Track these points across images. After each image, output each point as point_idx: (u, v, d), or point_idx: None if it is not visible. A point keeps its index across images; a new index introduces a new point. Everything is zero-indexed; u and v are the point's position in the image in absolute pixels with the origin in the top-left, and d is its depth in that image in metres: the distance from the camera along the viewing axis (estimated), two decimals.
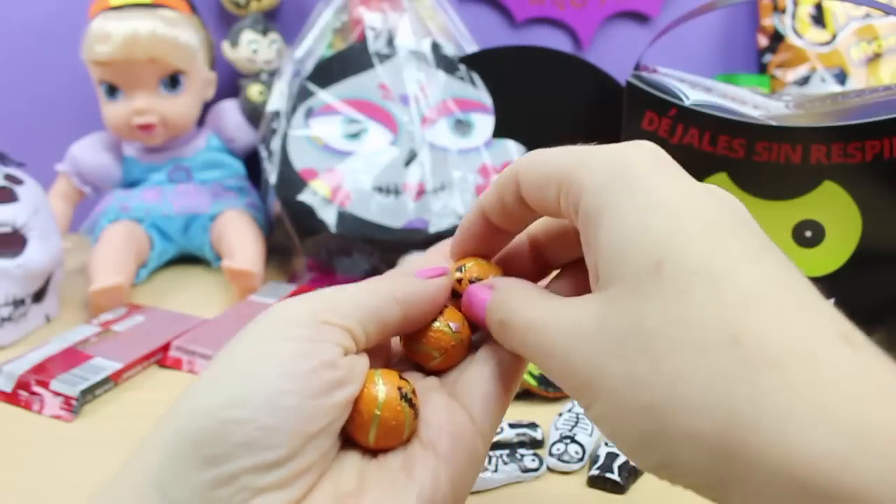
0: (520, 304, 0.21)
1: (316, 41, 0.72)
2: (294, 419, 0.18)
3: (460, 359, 0.24)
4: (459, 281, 0.25)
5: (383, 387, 0.21)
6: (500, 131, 0.52)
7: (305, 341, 0.19)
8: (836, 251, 0.42)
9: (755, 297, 0.16)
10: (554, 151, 0.22)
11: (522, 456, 0.37)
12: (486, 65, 0.51)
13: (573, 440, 0.38)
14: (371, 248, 0.62)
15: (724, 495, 0.16)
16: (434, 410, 0.22)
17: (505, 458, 0.37)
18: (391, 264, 0.62)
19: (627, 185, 0.18)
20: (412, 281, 0.23)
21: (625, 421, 0.17)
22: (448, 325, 0.24)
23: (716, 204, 0.18)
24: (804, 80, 0.83)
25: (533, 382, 0.44)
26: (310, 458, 0.19)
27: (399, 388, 0.21)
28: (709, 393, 0.15)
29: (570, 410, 0.41)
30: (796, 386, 0.15)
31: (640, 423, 0.17)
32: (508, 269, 0.25)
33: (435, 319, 0.24)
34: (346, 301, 0.21)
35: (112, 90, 0.68)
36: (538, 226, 0.25)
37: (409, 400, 0.21)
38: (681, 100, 0.42)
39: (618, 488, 0.35)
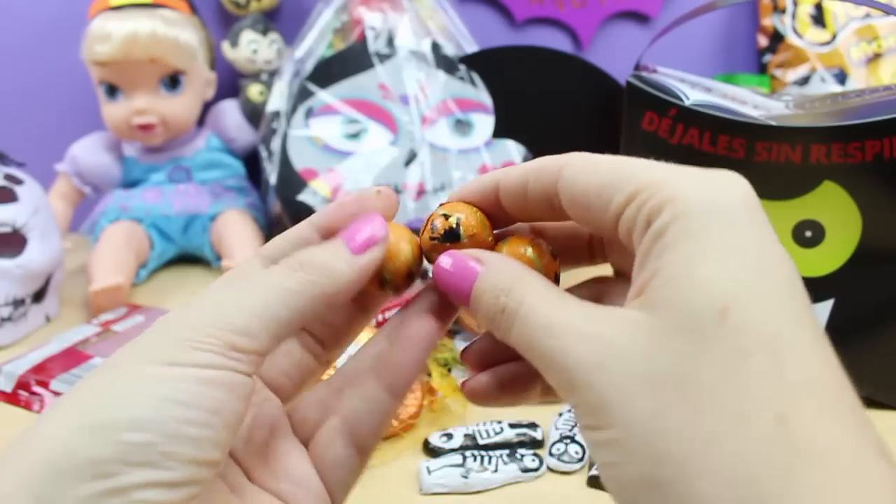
0: (537, 298, 0.19)
1: (316, 41, 0.72)
2: (196, 448, 0.17)
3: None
4: (446, 232, 0.21)
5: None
6: (500, 131, 0.52)
7: (215, 369, 0.18)
8: (836, 251, 0.42)
9: (814, 383, 0.16)
10: (620, 159, 0.20)
11: (522, 456, 0.37)
12: (486, 65, 0.51)
13: (573, 440, 0.38)
14: None
15: None
16: (296, 466, 0.22)
17: (505, 458, 0.37)
18: None
19: (721, 220, 0.17)
20: (327, 267, 0.20)
21: (633, 458, 0.16)
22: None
23: (791, 269, 0.17)
24: (804, 80, 0.83)
25: None
26: (205, 477, 0.18)
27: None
28: (740, 464, 0.15)
29: (570, 410, 0.41)
30: (830, 486, 0.14)
31: (650, 467, 0.16)
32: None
33: None
34: (254, 313, 0.19)
35: (112, 90, 0.68)
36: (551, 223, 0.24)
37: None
38: (681, 100, 0.42)
39: None
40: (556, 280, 0.22)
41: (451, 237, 0.21)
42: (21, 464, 0.17)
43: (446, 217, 0.21)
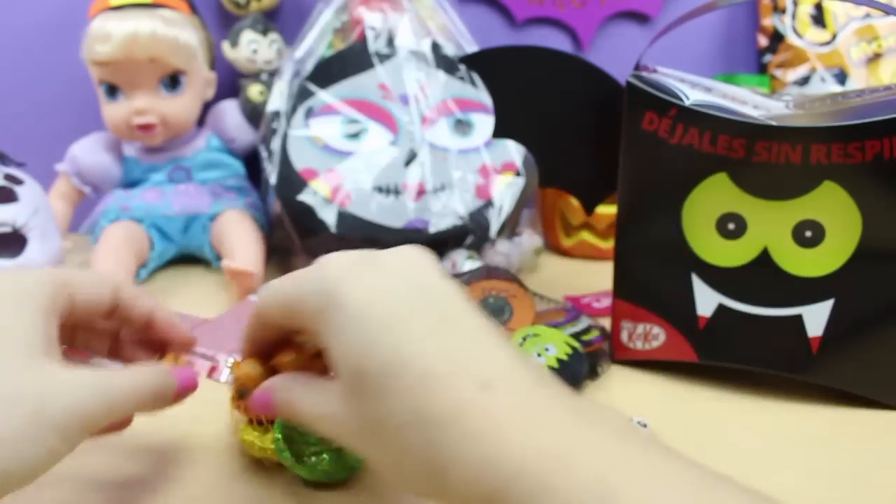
0: (298, 403, 0.28)
1: (316, 41, 0.72)
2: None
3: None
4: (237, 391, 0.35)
5: None
6: (500, 131, 0.52)
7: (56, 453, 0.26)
8: (836, 251, 0.42)
9: (427, 375, 0.23)
10: (278, 285, 0.29)
11: None
12: (486, 65, 0.51)
13: None
14: (371, 248, 0.61)
15: (443, 497, 0.24)
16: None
17: None
18: None
19: (331, 311, 0.25)
20: (161, 396, 0.30)
21: (379, 470, 0.27)
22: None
23: (403, 294, 0.25)
24: (804, 80, 0.83)
25: None
26: None
27: None
28: (412, 451, 0.23)
29: None
30: (446, 435, 0.22)
31: (389, 472, 0.25)
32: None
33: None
34: (108, 410, 0.28)
35: (112, 90, 0.68)
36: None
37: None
38: (681, 100, 0.42)
39: None
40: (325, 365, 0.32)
41: (242, 394, 0.34)
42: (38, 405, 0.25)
43: (237, 381, 0.33)
